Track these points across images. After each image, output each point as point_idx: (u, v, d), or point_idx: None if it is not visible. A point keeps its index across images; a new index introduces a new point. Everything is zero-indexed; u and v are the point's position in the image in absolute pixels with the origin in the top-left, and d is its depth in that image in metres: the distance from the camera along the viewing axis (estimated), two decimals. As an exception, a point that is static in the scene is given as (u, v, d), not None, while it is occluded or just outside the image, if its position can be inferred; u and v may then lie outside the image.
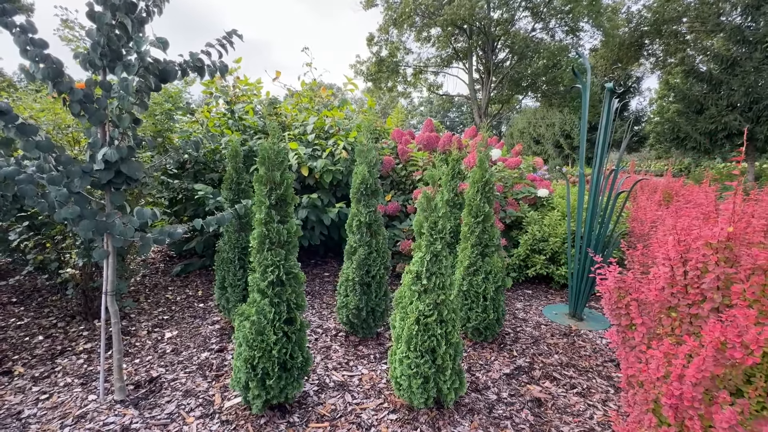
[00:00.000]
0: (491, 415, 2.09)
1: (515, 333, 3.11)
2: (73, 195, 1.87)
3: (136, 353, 2.71)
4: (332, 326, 3.18)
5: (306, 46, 5.22)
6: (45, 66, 1.80)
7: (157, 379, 2.38)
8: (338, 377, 2.44)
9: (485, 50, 18.48)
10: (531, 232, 4.16)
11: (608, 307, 1.89)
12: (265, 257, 1.97)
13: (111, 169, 1.96)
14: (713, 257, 1.38)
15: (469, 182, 2.93)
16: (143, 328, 3.09)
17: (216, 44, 1.98)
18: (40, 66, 1.79)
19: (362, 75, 19.29)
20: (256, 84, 4.88)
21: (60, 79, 1.84)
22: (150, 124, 3.22)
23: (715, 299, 1.43)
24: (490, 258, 2.88)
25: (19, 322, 3.14)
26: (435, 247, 1.99)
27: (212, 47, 1.98)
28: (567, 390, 2.33)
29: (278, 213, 2.01)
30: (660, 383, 1.55)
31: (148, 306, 3.53)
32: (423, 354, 1.98)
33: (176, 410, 2.08)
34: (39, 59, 1.78)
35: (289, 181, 2.02)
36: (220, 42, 1.98)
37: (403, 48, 18.74)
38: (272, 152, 1.97)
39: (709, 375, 1.38)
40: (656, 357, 1.56)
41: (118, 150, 1.89)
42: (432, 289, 2.02)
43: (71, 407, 2.10)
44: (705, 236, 1.40)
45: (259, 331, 1.94)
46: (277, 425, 1.97)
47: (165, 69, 1.92)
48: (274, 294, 1.98)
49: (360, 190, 2.87)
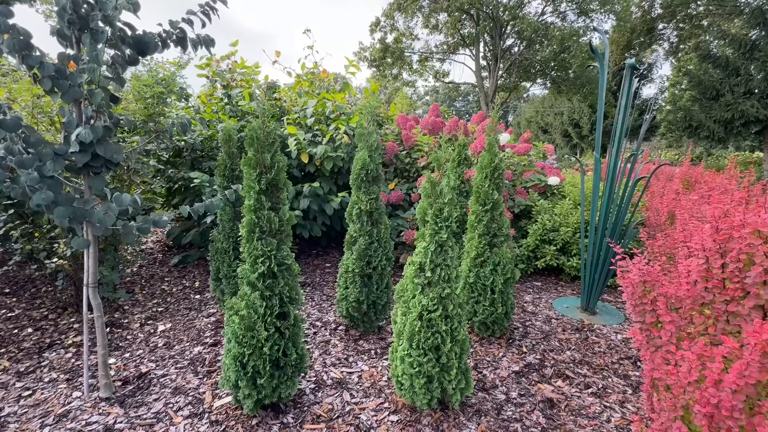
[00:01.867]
0: (500, 417, 1.94)
1: (524, 327, 2.95)
2: (45, 179, 1.72)
3: (126, 347, 2.60)
4: (332, 319, 3.04)
5: (308, 28, 4.99)
6: (10, 37, 1.63)
7: (146, 375, 2.26)
8: (337, 374, 2.30)
9: (493, 36, 17.96)
10: (541, 221, 3.96)
11: (631, 303, 1.71)
12: (255, 247, 1.81)
13: (87, 151, 1.80)
14: (762, 247, 1.20)
15: (477, 167, 2.74)
16: (136, 320, 2.97)
17: (198, 11, 1.79)
18: (4, 37, 1.63)
19: (366, 61, 18.90)
20: (254, 67, 4.68)
21: (28, 52, 1.68)
22: (141, 108, 3.06)
23: (761, 295, 1.25)
24: (498, 248, 2.71)
25: (10, 313, 3.05)
26: (440, 236, 1.82)
27: (194, 15, 1.79)
28: (581, 390, 2.18)
29: (269, 199, 1.85)
30: (692, 388, 1.38)
31: (143, 297, 3.42)
32: (426, 352, 1.83)
33: (164, 409, 1.96)
34: (3, 29, 1.62)
35: (281, 165, 1.85)
36: (203, 10, 1.79)
37: (408, 34, 18.29)
38: (262, 132, 1.80)
39: (754, 381, 1.20)
40: (688, 359, 1.39)
41: (92, 130, 1.73)
42: (436, 282, 1.85)
43: (54, 405, 1.98)
44: (753, 223, 1.22)
45: (249, 326, 1.79)
46: (269, 426, 1.84)
47: (142, 39, 1.74)
48: (265, 287, 1.83)
49: (360, 176, 2.70)
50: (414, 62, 19.72)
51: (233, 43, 4.58)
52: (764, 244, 1.21)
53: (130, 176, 2.92)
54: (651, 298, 1.61)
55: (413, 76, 21.02)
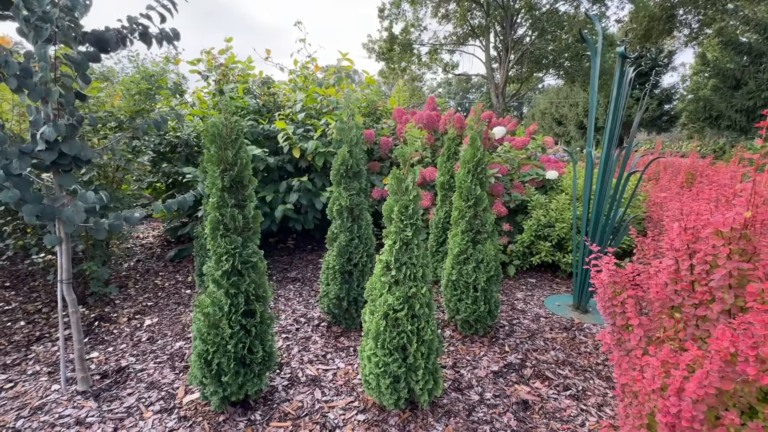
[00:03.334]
0: (470, 418, 1.89)
1: (511, 326, 2.88)
2: (11, 177, 1.74)
3: (111, 341, 2.64)
4: (316, 315, 3.03)
5: (299, 20, 4.94)
6: None
7: (124, 369, 2.30)
8: (312, 371, 2.29)
9: (503, 26, 17.53)
10: (536, 216, 3.86)
11: (601, 304, 1.64)
12: (219, 244, 1.80)
13: (53, 149, 1.81)
14: (724, 249, 1.11)
15: (460, 162, 2.67)
16: (125, 314, 3.03)
17: (157, 6, 1.77)
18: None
19: (374, 54, 18.71)
20: (248, 63, 4.66)
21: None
22: (126, 104, 3.08)
23: (725, 299, 1.16)
24: (482, 245, 2.64)
25: (6, 306, 3.14)
26: (405, 234, 1.78)
27: (152, 10, 1.77)
28: (559, 392, 2.11)
29: (232, 196, 1.83)
30: (656, 396, 1.31)
31: (135, 292, 3.48)
32: (392, 352, 1.79)
33: (136, 404, 1.99)
34: None
35: (245, 161, 1.83)
36: (162, 4, 1.77)
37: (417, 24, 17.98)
38: (224, 128, 1.78)
39: (714, 391, 1.13)
40: (652, 365, 1.32)
41: (56, 128, 1.73)
42: (403, 281, 1.81)
43: (32, 397, 2.03)
44: (714, 223, 1.13)
45: (214, 324, 1.79)
46: (236, 423, 1.84)
47: (102, 36, 1.73)
48: (230, 284, 1.82)
49: (340, 171, 2.66)
50: (423, 54, 19.43)
51: (228, 39, 4.57)
52: (726, 245, 1.12)
53: (115, 173, 2.95)
54: (621, 299, 1.54)
55: (422, 68, 20.73)
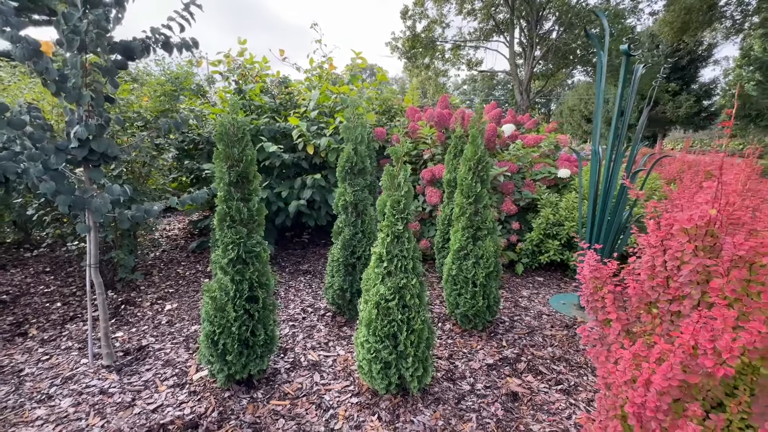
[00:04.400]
0: (458, 406, 1.97)
1: (512, 322, 2.92)
2: (49, 171, 1.96)
3: (135, 322, 2.88)
4: (323, 306, 3.17)
5: (315, 22, 5.09)
6: (21, 46, 1.85)
7: (145, 348, 2.51)
8: (313, 357, 2.43)
9: (529, 21, 17.13)
10: (544, 215, 3.85)
11: (584, 299, 1.68)
12: (226, 235, 1.96)
13: (84, 146, 2.02)
14: (689, 245, 1.14)
15: (462, 160, 2.72)
16: (148, 299, 3.27)
17: (176, 17, 1.94)
18: (17, 47, 1.86)
19: (397, 51, 18.73)
20: (263, 64, 4.86)
21: (37, 59, 1.90)
22: (153, 105, 3.32)
23: (693, 295, 1.19)
24: (482, 242, 2.69)
25: (46, 289, 3.46)
26: (396, 227, 1.87)
27: (173, 20, 1.94)
28: (550, 386, 2.15)
29: (238, 190, 1.98)
30: (627, 387, 1.36)
31: (158, 279, 3.74)
32: (383, 339, 1.89)
33: (152, 378, 2.18)
34: (15, 40, 1.84)
35: (250, 158, 1.97)
36: (180, 14, 1.93)
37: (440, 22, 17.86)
38: (231, 127, 1.93)
39: (678, 384, 1.17)
40: (624, 358, 1.36)
41: (86, 127, 1.94)
42: (395, 273, 1.91)
43: (64, 369, 2.27)
44: (680, 220, 1.16)
45: (220, 307, 1.95)
46: (239, 399, 2.00)
47: (129, 46, 1.92)
48: (235, 272, 1.97)
49: (345, 168, 2.78)
50: (446, 51, 19.29)
51: (242, 42, 4.77)
52: (690, 242, 1.15)
53: (141, 169, 3.19)
54: (601, 294, 1.58)
55: (446, 65, 20.58)
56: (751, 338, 0.99)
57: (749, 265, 1.05)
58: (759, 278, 1.02)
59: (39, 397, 2.01)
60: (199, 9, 1.97)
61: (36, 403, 1.97)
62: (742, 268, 1.04)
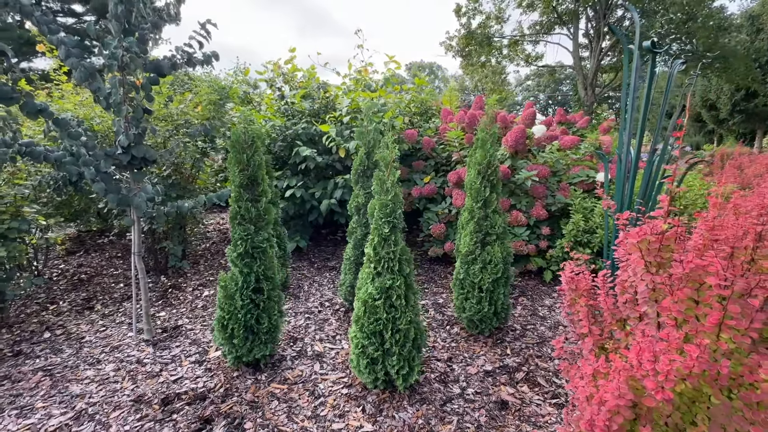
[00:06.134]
0: (443, 408, 2.00)
1: (523, 330, 2.84)
2: (100, 173, 2.35)
3: (177, 305, 3.29)
4: (339, 301, 3.34)
5: (359, 29, 5.28)
6: (80, 71, 2.25)
7: (179, 327, 2.87)
8: (319, 348, 2.60)
9: (597, 9, 15.81)
10: (575, 221, 3.64)
11: (564, 311, 1.64)
12: (236, 231, 2.19)
13: (127, 152, 2.38)
14: (639, 261, 1.08)
15: (471, 164, 2.71)
16: (191, 285, 3.70)
17: (196, 36, 2.21)
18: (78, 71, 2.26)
19: (451, 50, 18.43)
20: (311, 70, 5.16)
21: (92, 80, 2.29)
22: (200, 113, 3.73)
23: (649, 314, 1.13)
24: (491, 247, 2.66)
25: (114, 271, 4.06)
26: (384, 230, 1.95)
27: (192, 39, 2.22)
28: (545, 399, 2.08)
29: (248, 192, 2.20)
30: (587, 404, 1.32)
31: (203, 268, 4.19)
32: (369, 336, 1.99)
33: (179, 354, 2.51)
34: (75, 66, 2.24)
35: (258, 163, 2.18)
36: (198, 33, 2.21)
37: (496, 17, 17.22)
38: (242, 135, 2.15)
39: (626, 404, 1.14)
40: (586, 374, 1.33)
41: (126, 136, 2.29)
42: (382, 273, 1.99)
43: (113, 340, 2.69)
44: (630, 234, 1.10)
45: (230, 295, 2.19)
46: (245, 379, 2.23)
47: (158, 64, 2.23)
48: (243, 265, 2.20)
49: (358, 172, 2.91)
50: (503, 47, 18.53)
51: (291, 49, 5.11)
52: (642, 257, 1.09)
53: (190, 170, 3.61)
54: (577, 308, 1.53)
55: (503, 61, 19.79)
56: (689, 362, 0.93)
57: (698, 285, 0.98)
58: (706, 299, 0.95)
59: (90, 361, 2.42)
60: (214, 27, 2.23)
61: (87, 366, 2.37)
62: (685, 288, 0.97)
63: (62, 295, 3.45)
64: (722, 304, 0.89)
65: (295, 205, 4.47)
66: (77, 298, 3.41)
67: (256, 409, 1.99)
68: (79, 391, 2.13)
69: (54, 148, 2.34)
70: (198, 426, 1.86)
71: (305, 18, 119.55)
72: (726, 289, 0.87)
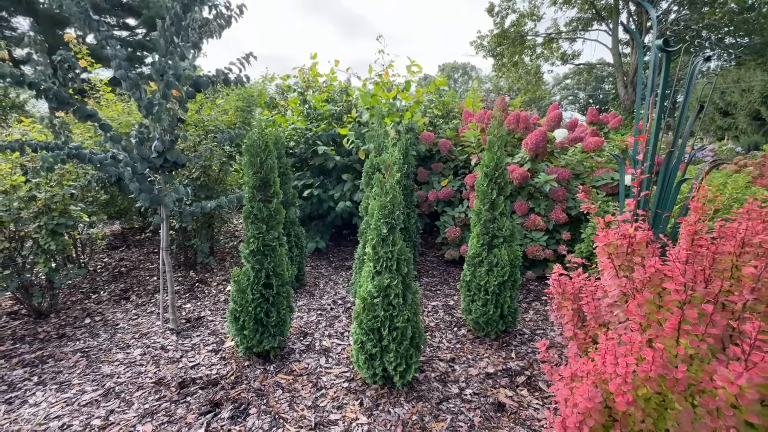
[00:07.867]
0: (438, 406, 2.04)
1: (532, 334, 2.81)
2: (136, 175, 2.59)
3: (202, 298, 3.53)
4: (352, 300, 3.44)
5: (380, 34, 5.40)
6: (128, 81, 2.50)
7: (201, 319, 3.09)
8: (327, 343, 2.71)
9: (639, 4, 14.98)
10: (593, 225, 3.53)
11: (552, 315, 1.65)
12: (249, 230, 2.35)
13: (161, 156, 2.61)
14: (607, 264, 1.09)
15: (480, 166, 2.72)
16: (216, 280, 3.95)
17: (237, 62, 2.43)
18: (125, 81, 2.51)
19: (482, 50, 18.14)
20: (331, 74, 5.33)
21: (136, 90, 2.54)
22: (226, 119, 3.98)
23: (620, 317, 1.13)
24: (498, 249, 2.66)
25: (150, 265, 4.40)
26: (382, 231, 2.03)
27: (233, 65, 2.44)
28: (544, 403, 2.07)
29: (260, 193, 2.35)
30: (564, 407, 1.34)
31: (229, 264, 4.45)
32: (367, 332, 2.07)
33: (198, 343, 2.71)
34: (123, 77, 2.49)
35: (270, 166, 2.33)
36: (240, 61, 2.42)
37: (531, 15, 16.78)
38: (257, 140, 2.30)
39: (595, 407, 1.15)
40: (565, 377, 1.35)
41: (161, 142, 2.51)
42: (381, 272, 2.07)
43: (143, 327, 2.94)
44: (598, 238, 1.11)
45: (242, 289, 2.35)
46: (255, 369, 2.38)
47: (198, 81, 2.45)
48: (255, 261, 2.35)
49: (368, 173, 3.00)
50: (537, 45, 18.02)
51: (313, 56, 5.31)
52: (611, 261, 1.09)
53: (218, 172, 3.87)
54: (563, 311, 1.54)
55: (537, 60, 19.25)
56: (646, 366, 0.94)
57: (660, 290, 0.97)
58: (667, 304, 0.95)
59: (121, 345, 2.67)
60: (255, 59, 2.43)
61: (118, 349, 2.62)
62: (645, 291, 0.97)
63: (103, 286, 3.80)
64: (681, 309, 0.89)
65: (312, 204, 4.61)
66: (116, 288, 3.74)
67: (261, 397, 2.12)
68: (109, 371, 2.37)
69: (97, 152, 2.61)
70: (208, 408, 2.02)
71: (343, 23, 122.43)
72: (681, 294, 0.87)
